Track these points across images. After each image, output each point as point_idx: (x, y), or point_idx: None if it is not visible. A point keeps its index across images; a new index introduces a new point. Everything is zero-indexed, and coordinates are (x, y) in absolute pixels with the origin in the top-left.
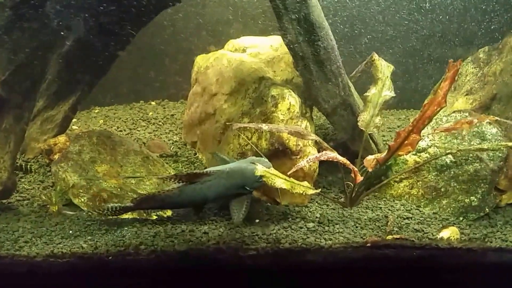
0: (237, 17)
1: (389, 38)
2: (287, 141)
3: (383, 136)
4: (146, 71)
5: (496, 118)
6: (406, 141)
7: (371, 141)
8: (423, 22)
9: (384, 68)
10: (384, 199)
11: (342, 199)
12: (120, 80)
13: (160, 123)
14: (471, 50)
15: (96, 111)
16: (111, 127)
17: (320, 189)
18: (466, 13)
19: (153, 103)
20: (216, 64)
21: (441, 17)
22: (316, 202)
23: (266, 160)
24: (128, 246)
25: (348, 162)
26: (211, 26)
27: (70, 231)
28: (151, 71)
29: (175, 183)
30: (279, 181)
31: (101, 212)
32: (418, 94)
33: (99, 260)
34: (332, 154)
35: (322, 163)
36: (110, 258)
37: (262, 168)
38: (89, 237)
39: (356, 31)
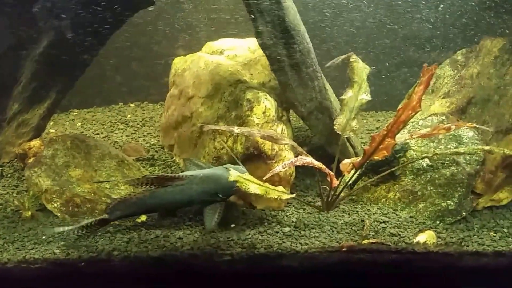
0: (217, 18)
1: (367, 40)
2: (262, 145)
3: (362, 138)
4: (125, 73)
5: (474, 125)
6: (381, 146)
7: (348, 144)
8: (402, 24)
9: (360, 70)
10: (361, 202)
11: (319, 203)
12: (99, 83)
13: (138, 126)
14: (449, 53)
15: (75, 113)
16: (89, 130)
17: (295, 194)
18: (445, 16)
19: (132, 105)
20: (193, 66)
21: (423, 20)
22: (293, 206)
23: (243, 167)
24: (101, 252)
25: (323, 166)
26: (190, 28)
27: (43, 237)
28: (130, 73)
29: (146, 187)
30: (253, 186)
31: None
32: (398, 96)
33: (71, 266)
34: (307, 159)
35: (299, 165)
36: (83, 264)
37: (235, 173)
38: (62, 243)
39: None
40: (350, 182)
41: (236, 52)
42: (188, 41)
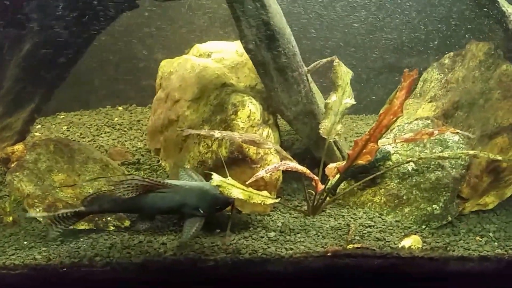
0: (208, 21)
1: (357, 43)
2: (247, 149)
3: (351, 142)
4: (113, 76)
5: (457, 130)
6: (364, 150)
7: (335, 148)
8: (393, 27)
9: (344, 74)
10: (347, 207)
11: (305, 207)
12: (87, 85)
13: (126, 129)
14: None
15: (62, 116)
16: (74, 134)
17: (279, 199)
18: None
19: (120, 108)
20: (179, 69)
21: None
22: (279, 210)
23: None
24: (83, 258)
25: (308, 171)
26: (181, 30)
27: (25, 242)
28: (118, 75)
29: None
30: (236, 191)
31: (53, 223)
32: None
33: (52, 272)
34: (291, 164)
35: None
36: (64, 269)
37: (218, 177)
38: (43, 248)
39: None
40: (332, 186)
41: (223, 55)
42: (178, 43)
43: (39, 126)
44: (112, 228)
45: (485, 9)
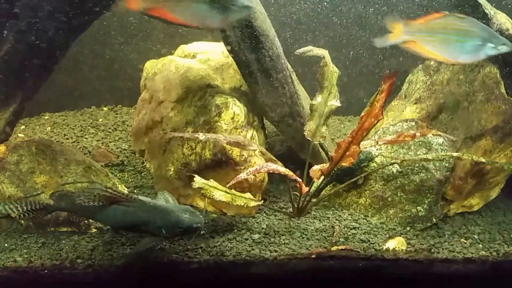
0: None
1: (344, 42)
2: (230, 151)
3: None
4: (97, 76)
5: (439, 133)
6: (347, 152)
7: (321, 150)
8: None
9: (330, 75)
10: (332, 208)
11: (290, 209)
12: (72, 85)
13: (110, 130)
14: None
15: (46, 117)
16: (58, 135)
17: (262, 201)
18: None
19: (105, 108)
20: (164, 70)
21: None
22: (264, 212)
23: (199, 214)
24: (65, 260)
25: (290, 173)
26: (167, 30)
27: (6, 244)
28: (103, 75)
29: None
30: (219, 193)
31: (20, 214)
32: None
33: (34, 274)
34: (272, 166)
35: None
36: (46, 272)
37: (200, 180)
38: (25, 251)
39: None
40: (316, 188)
41: (208, 55)
42: (167, 43)
43: (23, 127)
44: (94, 230)
45: (469, 12)
